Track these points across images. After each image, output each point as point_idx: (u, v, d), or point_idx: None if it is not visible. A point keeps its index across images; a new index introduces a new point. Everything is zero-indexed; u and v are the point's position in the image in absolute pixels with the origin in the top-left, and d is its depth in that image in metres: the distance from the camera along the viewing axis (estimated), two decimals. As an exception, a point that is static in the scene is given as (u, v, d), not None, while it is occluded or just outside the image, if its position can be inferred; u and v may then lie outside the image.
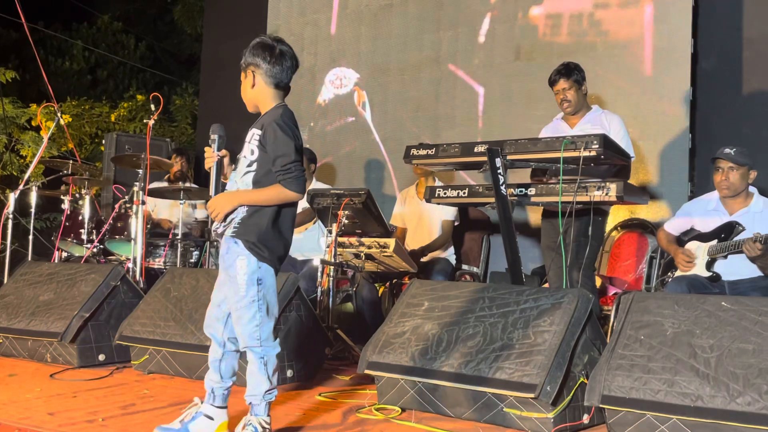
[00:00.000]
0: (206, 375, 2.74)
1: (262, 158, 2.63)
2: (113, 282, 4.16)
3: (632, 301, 2.91)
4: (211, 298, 2.75)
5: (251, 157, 2.65)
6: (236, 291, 2.62)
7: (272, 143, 2.60)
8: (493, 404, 2.90)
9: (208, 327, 2.74)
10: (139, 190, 5.01)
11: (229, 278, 2.64)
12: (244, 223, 2.63)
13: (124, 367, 3.99)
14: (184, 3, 12.13)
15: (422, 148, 4.03)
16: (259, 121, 2.69)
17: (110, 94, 12.15)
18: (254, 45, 2.69)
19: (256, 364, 2.63)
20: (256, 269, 2.62)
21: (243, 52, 2.71)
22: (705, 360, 2.59)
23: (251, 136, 2.67)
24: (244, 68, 2.70)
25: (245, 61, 2.69)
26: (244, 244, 2.61)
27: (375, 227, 4.66)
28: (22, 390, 3.41)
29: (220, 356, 2.71)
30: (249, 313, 2.62)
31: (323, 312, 4.35)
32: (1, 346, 4.24)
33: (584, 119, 4.39)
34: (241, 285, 2.61)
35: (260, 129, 2.65)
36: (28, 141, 9.33)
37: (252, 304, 2.62)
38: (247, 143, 2.67)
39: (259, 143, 2.64)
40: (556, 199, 3.60)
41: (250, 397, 2.65)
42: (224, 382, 2.71)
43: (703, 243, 3.93)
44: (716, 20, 5.37)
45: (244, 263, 2.61)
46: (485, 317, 3.08)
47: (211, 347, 2.74)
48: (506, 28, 6.00)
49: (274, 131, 2.60)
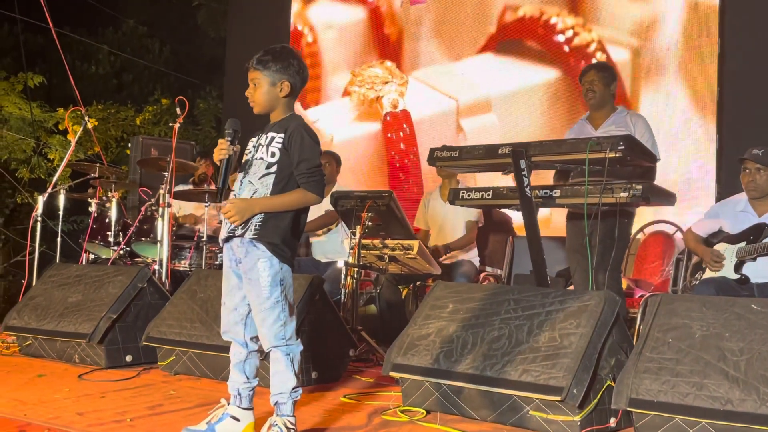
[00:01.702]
0: (229, 378, 2.75)
1: (284, 162, 2.66)
2: (140, 284, 4.20)
3: (660, 304, 2.88)
4: (224, 303, 2.75)
5: (271, 159, 2.67)
6: (259, 293, 2.63)
7: (298, 147, 2.64)
8: (518, 407, 2.88)
9: (228, 332, 2.74)
10: (165, 193, 5.05)
11: (250, 282, 2.65)
12: (264, 224, 2.64)
13: (151, 368, 4.02)
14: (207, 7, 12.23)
15: (446, 150, 4.03)
16: (279, 126, 2.71)
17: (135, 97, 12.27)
18: (284, 56, 2.72)
19: (282, 362, 2.64)
20: (279, 270, 2.64)
21: (263, 58, 2.71)
22: (734, 363, 2.56)
23: (270, 139, 2.69)
24: (273, 73, 2.70)
25: (273, 67, 2.70)
26: (266, 247, 2.62)
27: (398, 229, 4.66)
28: (51, 390, 3.45)
29: (245, 357, 2.73)
30: (274, 314, 2.63)
31: (347, 314, 4.36)
32: (31, 347, 4.30)
33: (609, 120, 4.36)
34: (264, 287, 2.62)
35: (282, 133, 2.68)
36: (56, 145, 9.46)
37: (276, 305, 2.63)
38: (265, 146, 2.69)
39: (282, 146, 2.66)
40: (581, 200, 3.57)
41: (276, 397, 2.65)
42: (250, 382, 2.73)
43: (732, 245, 3.88)
44: (743, 20, 5.31)
45: (266, 265, 2.62)
46: (510, 319, 3.07)
47: (234, 350, 2.75)
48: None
49: (301, 136, 2.65)
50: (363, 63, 7.16)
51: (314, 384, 3.65)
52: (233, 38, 8.38)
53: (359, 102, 7.15)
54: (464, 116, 6.45)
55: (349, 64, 7.29)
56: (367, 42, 7.17)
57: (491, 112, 6.25)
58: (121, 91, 12.67)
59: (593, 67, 4.43)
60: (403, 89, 6.86)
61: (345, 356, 3.91)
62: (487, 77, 6.36)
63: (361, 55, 7.20)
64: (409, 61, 6.93)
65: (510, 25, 6.27)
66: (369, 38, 7.17)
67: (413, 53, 6.89)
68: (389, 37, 7.04)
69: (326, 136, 7.21)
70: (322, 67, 7.42)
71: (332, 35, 7.38)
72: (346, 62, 7.32)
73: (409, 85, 6.84)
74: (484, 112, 6.29)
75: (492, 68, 6.32)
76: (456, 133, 6.42)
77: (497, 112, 6.20)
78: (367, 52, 7.18)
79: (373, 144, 7.03)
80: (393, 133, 6.88)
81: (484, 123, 6.26)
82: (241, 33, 8.10)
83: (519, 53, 6.21)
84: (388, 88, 6.96)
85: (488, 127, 6.19)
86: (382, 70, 7.03)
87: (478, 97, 6.40)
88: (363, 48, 7.20)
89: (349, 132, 7.21)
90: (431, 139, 6.51)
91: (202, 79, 12.68)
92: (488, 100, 6.30)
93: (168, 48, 13.55)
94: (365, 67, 7.14)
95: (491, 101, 6.28)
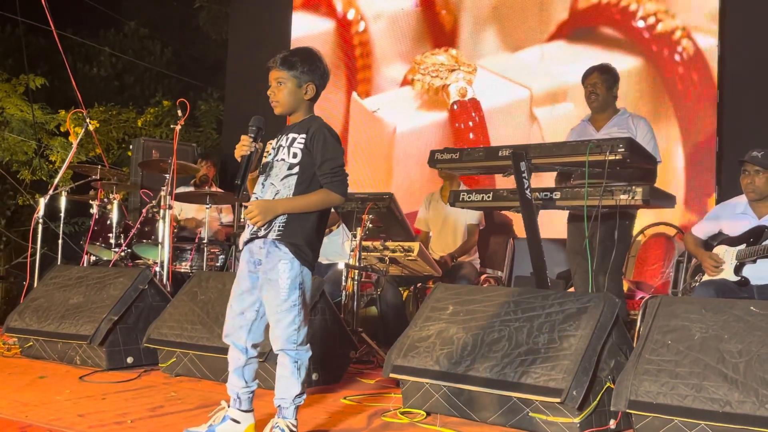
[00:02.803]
0: (228, 382, 2.73)
1: (306, 162, 2.65)
2: (141, 285, 4.21)
3: (659, 306, 2.89)
4: (231, 306, 2.73)
5: (293, 161, 2.66)
6: (277, 294, 2.62)
7: (321, 147, 2.64)
8: (518, 409, 2.89)
9: (230, 335, 2.72)
10: (166, 195, 5.06)
11: (269, 282, 2.63)
12: (288, 225, 2.63)
13: (152, 369, 4.03)
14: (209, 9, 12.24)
15: (446, 153, 4.04)
16: (299, 127, 2.70)
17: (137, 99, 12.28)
18: (312, 58, 2.72)
19: (289, 368, 2.64)
20: (299, 273, 2.63)
21: (291, 58, 2.69)
22: (733, 365, 2.56)
23: (291, 140, 2.68)
24: (300, 75, 2.69)
25: (301, 68, 2.68)
26: (289, 248, 2.61)
27: (399, 231, 4.67)
28: (52, 392, 3.46)
29: (244, 363, 2.71)
30: (289, 317, 2.62)
31: (348, 316, 4.37)
32: (32, 348, 4.31)
33: (611, 122, 4.37)
34: (283, 289, 2.61)
35: (304, 134, 2.67)
36: (57, 146, 9.47)
37: (293, 308, 2.62)
38: (286, 147, 2.67)
39: (304, 147, 2.65)
40: (581, 202, 3.58)
41: (279, 401, 2.66)
42: (249, 386, 2.73)
43: (732, 247, 3.88)
44: (743, 22, 5.32)
45: (287, 267, 2.61)
46: (510, 321, 3.08)
47: (232, 355, 2.72)
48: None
49: (324, 137, 2.65)
50: (418, 52, 6.93)
51: (315, 386, 3.66)
52: (234, 40, 8.39)
53: (423, 90, 6.88)
54: (538, 105, 6.25)
55: (401, 53, 7.05)
56: (421, 31, 6.94)
57: (567, 101, 6.08)
58: (123, 93, 12.68)
59: (596, 69, 4.43)
60: (472, 77, 6.62)
61: (346, 358, 3.92)
62: (561, 65, 6.14)
63: (415, 44, 6.96)
64: (467, 49, 6.71)
65: (584, 11, 6.08)
66: (422, 27, 6.93)
67: (471, 41, 6.68)
68: (444, 25, 6.81)
69: (389, 126, 7.01)
70: (373, 57, 7.19)
71: (382, 25, 7.15)
72: (398, 52, 7.07)
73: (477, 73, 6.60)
74: (560, 101, 6.12)
75: (566, 56, 6.13)
76: (529, 122, 6.22)
77: (574, 101, 5.95)
78: (420, 40, 6.94)
79: (439, 134, 6.76)
80: (462, 123, 6.62)
81: (560, 112, 6.07)
82: (242, 35, 8.12)
83: (594, 40, 5.99)
84: (455, 76, 6.68)
85: (564, 115, 5.96)
86: (446, 58, 6.77)
87: (553, 85, 6.19)
88: (416, 37, 6.97)
89: (413, 122, 6.95)
90: (503, 129, 6.31)
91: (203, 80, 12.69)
92: (564, 88, 6.10)
93: (169, 50, 13.56)
94: (428, 54, 6.89)
95: (568, 90, 6.07)
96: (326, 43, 7.21)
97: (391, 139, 5.90)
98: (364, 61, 7.18)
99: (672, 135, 5.35)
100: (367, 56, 7.26)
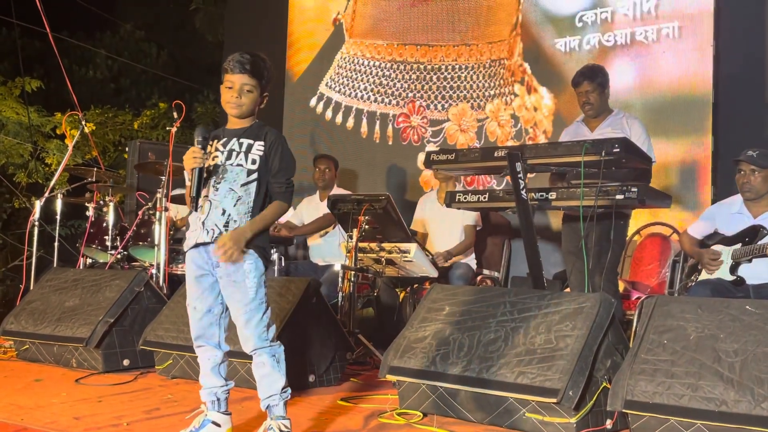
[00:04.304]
0: (205, 385, 2.73)
1: (263, 169, 2.70)
2: (137, 288, 4.21)
3: (655, 306, 2.90)
4: (195, 308, 2.70)
5: (251, 167, 2.68)
6: (245, 294, 2.63)
7: (279, 157, 2.71)
8: (514, 409, 2.89)
9: (201, 337, 2.71)
10: (162, 197, 5.06)
11: (234, 284, 2.64)
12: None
13: (148, 371, 4.03)
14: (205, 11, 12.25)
15: (442, 153, 4.04)
16: (250, 133, 2.72)
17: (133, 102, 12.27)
18: (270, 70, 2.76)
19: (269, 364, 2.65)
20: (263, 271, 2.69)
21: (259, 67, 2.70)
22: (729, 364, 2.57)
23: (247, 146, 2.69)
24: (264, 85, 2.73)
25: (266, 79, 2.73)
26: (254, 250, 2.65)
27: (395, 232, 4.67)
28: (48, 395, 3.46)
29: (221, 359, 2.73)
30: (258, 315, 2.64)
31: (344, 317, 4.37)
32: (28, 351, 4.30)
33: (605, 123, 4.37)
34: (251, 288, 2.64)
35: (261, 141, 2.70)
36: (53, 149, 9.46)
37: (261, 305, 2.65)
38: (242, 152, 2.69)
39: (263, 154, 2.69)
40: (577, 203, 3.58)
41: (267, 400, 2.66)
42: (228, 384, 2.74)
43: (727, 247, 3.89)
44: (738, 23, 5.33)
45: (252, 267, 2.65)
46: (506, 322, 3.08)
47: (207, 355, 2.72)
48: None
49: (281, 146, 2.73)
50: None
51: (311, 387, 3.66)
52: (231, 42, 8.39)
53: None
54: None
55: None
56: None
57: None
58: (119, 96, 12.67)
59: (585, 76, 4.33)
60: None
61: (342, 359, 3.92)
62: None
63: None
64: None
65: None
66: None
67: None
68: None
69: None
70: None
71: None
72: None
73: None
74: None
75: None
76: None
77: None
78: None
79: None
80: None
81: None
82: (238, 37, 8.12)
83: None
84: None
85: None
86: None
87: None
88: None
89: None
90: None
91: (199, 83, 12.69)
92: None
93: (165, 52, 13.56)
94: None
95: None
96: (319, 46, 7.23)
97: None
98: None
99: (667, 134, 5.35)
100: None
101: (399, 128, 6.64)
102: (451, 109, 6.39)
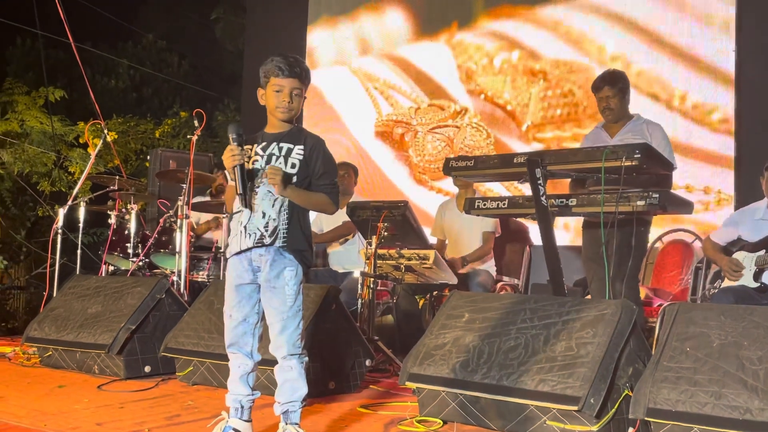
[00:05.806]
0: (231, 391, 2.73)
1: (303, 173, 2.70)
2: (158, 295, 4.23)
3: (677, 313, 2.86)
4: (231, 316, 2.72)
5: (291, 170, 2.69)
6: (283, 301, 2.64)
7: (321, 160, 2.72)
8: (535, 417, 2.87)
9: (235, 345, 2.72)
10: (183, 205, 5.10)
11: (273, 290, 2.65)
12: (291, 233, 2.67)
13: (169, 378, 4.05)
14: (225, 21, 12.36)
15: (461, 160, 4.03)
16: (290, 137, 2.73)
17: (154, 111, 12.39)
18: (308, 70, 2.78)
19: (296, 370, 2.66)
20: (302, 277, 2.69)
21: (305, 71, 2.74)
22: (753, 372, 2.53)
23: (287, 150, 2.70)
24: (304, 88, 2.75)
25: (309, 82, 2.76)
26: (294, 255, 2.66)
27: (414, 239, 4.66)
28: (71, 401, 3.49)
29: (251, 368, 2.73)
30: (295, 322, 2.66)
31: (364, 324, 4.37)
32: (51, 357, 4.34)
33: (625, 128, 4.34)
34: (290, 295, 2.65)
35: (301, 145, 2.71)
36: (76, 158, 9.56)
37: (298, 312, 2.67)
38: (282, 156, 2.70)
39: (303, 158, 2.70)
40: (597, 209, 3.56)
41: (287, 405, 2.66)
42: (253, 394, 2.74)
43: (751, 253, 3.84)
44: (759, 27, 5.28)
45: (293, 274, 2.66)
46: (527, 329, 3.06)
47: (238, 362, 2.72)
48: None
49: (323, 150, 2.76)
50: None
51: (331, 394, 3.66)
52: (251, 51, 8.46)
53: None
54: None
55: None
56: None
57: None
58: (141, 105, 12.80)
59: (605, 81, 4.30)
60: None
61: (362, 366, 3.91)
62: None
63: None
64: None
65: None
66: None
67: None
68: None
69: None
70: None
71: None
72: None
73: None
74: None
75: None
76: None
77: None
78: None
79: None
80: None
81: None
82: (258, 46, 8.18)
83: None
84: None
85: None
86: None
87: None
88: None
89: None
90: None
91: (220, 91, 12.80)
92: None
93: (187, 61, 13.69)
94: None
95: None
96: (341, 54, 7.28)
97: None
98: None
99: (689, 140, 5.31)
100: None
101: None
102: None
